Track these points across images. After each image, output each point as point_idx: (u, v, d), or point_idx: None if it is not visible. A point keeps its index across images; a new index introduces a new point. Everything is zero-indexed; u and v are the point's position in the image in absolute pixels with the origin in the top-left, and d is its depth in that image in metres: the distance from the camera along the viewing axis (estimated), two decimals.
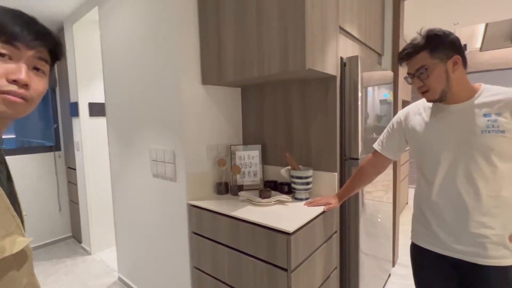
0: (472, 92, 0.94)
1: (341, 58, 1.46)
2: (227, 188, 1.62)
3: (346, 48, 1.55)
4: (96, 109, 2.63)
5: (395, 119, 1.16)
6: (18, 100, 0.50)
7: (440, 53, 0.91)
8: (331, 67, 1.35)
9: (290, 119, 1.61)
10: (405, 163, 2.82)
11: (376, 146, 1.23)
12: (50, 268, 2.46)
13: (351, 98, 1.48)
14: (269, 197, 1.43)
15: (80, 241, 2.88)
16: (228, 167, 1.67)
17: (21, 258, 0.54)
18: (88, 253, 2.71)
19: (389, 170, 2.09)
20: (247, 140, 1.82)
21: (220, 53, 1.44)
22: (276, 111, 1.66)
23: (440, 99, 0.95)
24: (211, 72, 1.51)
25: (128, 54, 1.80)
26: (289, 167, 1.47)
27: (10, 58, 0.50)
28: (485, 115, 0.89)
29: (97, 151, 2.63)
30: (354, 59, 1.44)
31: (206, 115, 1.60)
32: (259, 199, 1.40)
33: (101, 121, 2.62)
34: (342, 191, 1.34)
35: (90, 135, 2.61)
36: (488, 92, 0.93)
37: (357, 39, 1.68)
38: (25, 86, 0.51)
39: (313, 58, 1.17)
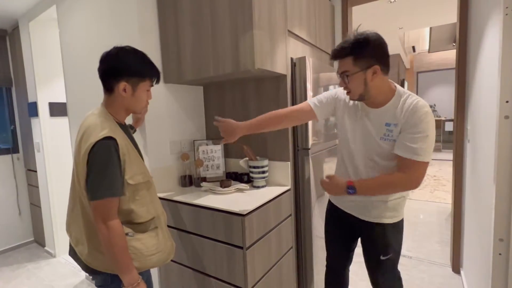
0: (389, 96, 1.08)
1: (292, 59, 1.63)
2: (191, 180, 1.72)
3: (297, 50, 1.72)
4: (57, 109, 2.58)
5: (336, 94, 1.27)
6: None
7: (362, 62, 1.01)
8: (281, 67, 1.50)
9: (248, 114, 1.74)
10: None
11: (311, 102, 1.28)
12: (9, 274, 2.39)
13: (301, 95, 1.65)
14: (229, 186, 1.55)
15: (43, 245, 2.80)
16: (192, 161, 1.77)
17: (148, 185, 1.06)
18: (52, 256, 2.65)
19: None
20: (211, 135, 1.93)
21: (180, 54, 1.54)
22: (236, 107, 1.79)
23: (359, 100, 1.12)
24: (172, 72, 1.60)
25: (89, 53, 1.82)
26: (247, 158, 1.60)
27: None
28: (386, 124, 1.08)
29: (59, 152, 2.59)
30: (302, 59, 1.61)
31: (169, 112, 1.68)
32: (220, 188, 1.52)
33: (62, 121, 2.58)
34: (250, 124, 1.26)
35: (51, 136, 2.56)
36: (397, 100, 1.07)
37: (308, 42, 1.86)
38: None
39: (262, 59, 1.31)
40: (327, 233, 1.46)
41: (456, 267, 2.11)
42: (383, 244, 1.21)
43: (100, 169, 0.90)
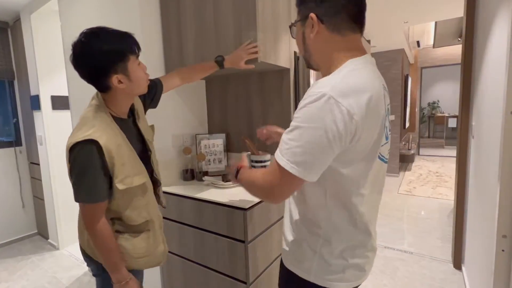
0: (332, 69, 0.68)
1: (295, 53, 1.61)
2: (193, 174, 1.72)
3: None
4: (60, 102, 2.58)
5: None
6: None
7: (302, 8, 0.71)
8: (284, 61, 1.49)
9: (250, 108, 1.73)
10: None
11: None
12: (15, 265, 2.42)
13: (305, 89, 1.63)
14: (231, 180, 1.55)
15: (46, 237, 2.83)
16: (194, 155, 1.77)
17: (143, 189, 0.97)
18: (56, 248, 2.68)
19: None
20: (212, 129, 1.92)
21: (182, 45, 1.53)
22: (238, 101, 1.78)
23: (309, 67, 0.79)
24: (174, 63, 1.58)
25: None
26: (249, 152, 1.60)
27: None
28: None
29: (61, 145, 2.59)
30: None
31: (171, 106, 1.67)
32: (222, 183, 1.52)
33: (64, 114, 2.58)
34: None
35: (53, 129, 2.56)
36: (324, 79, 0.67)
37: None
38: None
39: (265, 53, 1.30)
40: None
41: (458, 263, 2.11)
42: None
43: (79, 174, 0.85)
